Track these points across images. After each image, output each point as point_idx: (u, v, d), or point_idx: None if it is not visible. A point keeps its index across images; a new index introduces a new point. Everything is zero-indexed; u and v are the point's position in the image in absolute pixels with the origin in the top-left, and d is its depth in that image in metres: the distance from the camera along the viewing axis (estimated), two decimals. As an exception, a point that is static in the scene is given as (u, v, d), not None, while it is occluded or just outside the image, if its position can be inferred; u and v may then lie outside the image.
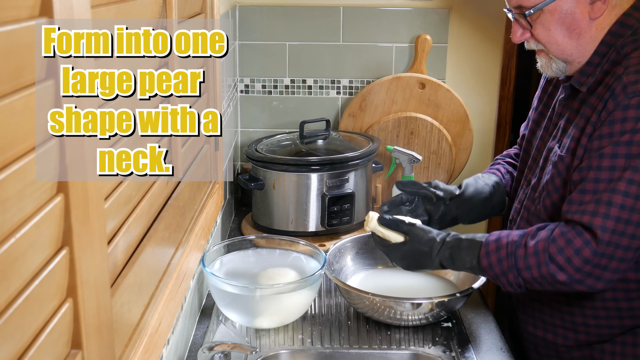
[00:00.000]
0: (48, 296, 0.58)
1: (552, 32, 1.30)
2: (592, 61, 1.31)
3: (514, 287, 1.30)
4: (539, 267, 1.25)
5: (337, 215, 1.88)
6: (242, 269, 1.55)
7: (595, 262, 1.22)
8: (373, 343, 1.41)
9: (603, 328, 1.35)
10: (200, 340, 1.42)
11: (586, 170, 1.24)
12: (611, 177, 1.21)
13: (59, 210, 0.59)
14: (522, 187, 1.49)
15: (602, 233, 1.20)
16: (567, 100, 1.38)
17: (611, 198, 1.20)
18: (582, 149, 1.27)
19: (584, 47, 1.31)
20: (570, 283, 1.24)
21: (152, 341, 0.90)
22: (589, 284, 1.24)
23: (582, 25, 1.29)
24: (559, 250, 1.24)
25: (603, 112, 1.23)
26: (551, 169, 1.35)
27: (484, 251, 1.31)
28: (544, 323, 1.41)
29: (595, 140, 1.24)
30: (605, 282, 1.24)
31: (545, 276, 1.25)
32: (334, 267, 1.57)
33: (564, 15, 1.28)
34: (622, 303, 1.32)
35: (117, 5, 0.78)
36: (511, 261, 1.28)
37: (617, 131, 1.21)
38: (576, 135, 1.30)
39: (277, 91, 2.26)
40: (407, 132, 2.18)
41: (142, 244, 0.89)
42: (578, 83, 1.33)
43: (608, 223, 1.20)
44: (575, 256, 1.22)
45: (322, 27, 2.20)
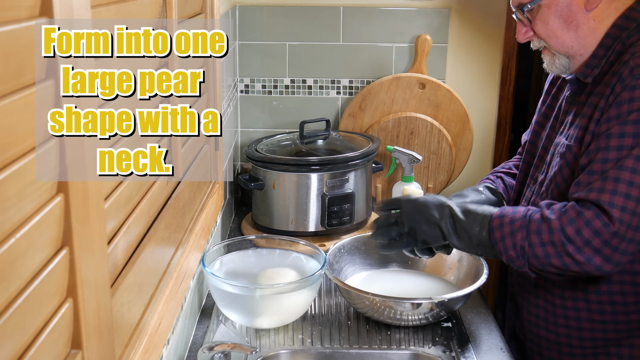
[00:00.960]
0: (48, 296, 0.58)
1: (550, 25, 1.32)
2: (597, 54, 1.32)
3: (517, 252, 1.26)
4: (551, 232, 1.23)
5: (337, 215, 1.88)
6: (242, 269, 1.55)
7: (605, 237, 1.19)
8: (373, 343, 1.42)
9: (608, 324, 1.34)
10: (200, 340, 1.42)
11: (594, 152, 1.23)
12: (619, 156, 1.20)
13: (59, 210, 0.59)
14: (528, 185, 1.49)
15: (611, 209, 1.18)
16: (573, 96, 1.39)
17: (619, 175, 1.19)
18: (590, 135, 1.26)
19: (583, 39, 1.32)
20: (578, 259, 1.21)
21: (152, 341, 0.90)
22: (598, 264, 1.20)
23: (579, 17, 1.31)
24: (569, 221, 1.22)
25: (610, 96, 1.24)
26: (559, 160, 1.34)
27: (498, 212, 1.30)
28: (547, 322, 1.41)
29: (603, 124, 1.23)
30: (614, 265, 1.21)
31: (555, 243, 1.22)
32: (334, 267, 1.58)
33: (560, 7, 1.31)
34: (630, 297, 1.31)
35: (117, 5, 0.78)
36: (524, 222, 1.26)
37: (625, 111, 1.20)
38: (583, 123, 1.30)
39: (277, 91, 2.26)
40: (407, 132, 2.18)
41: (142, 244, 0.89)
42: (583, 75, 1.34)
43: (616, 199, 1.18)
44: (585, 227, 1.20)
45: (322, 27, 2.20)
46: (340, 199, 1.87)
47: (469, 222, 1.33)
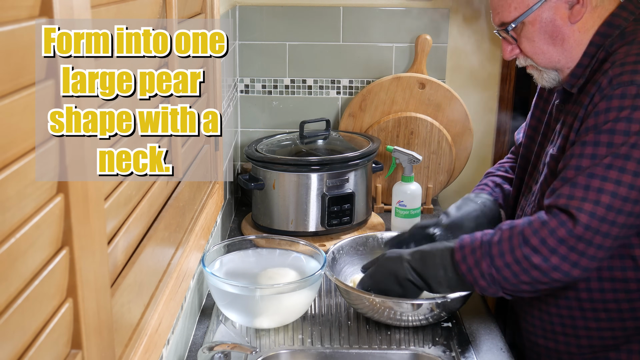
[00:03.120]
0: (48, 296, 0.58)
1: (536, 42, 1.31)
2: (582, 63, 1.31)
3: (487, 280, 1.26)
4: (513, 251, 1.22)
5: (337, 215, 1.88)
6: (242, 269, 1.55)
7: (571, 244, 1.18)
8: (373, 343, 1.42)
9: (605, 331, 1.33)
10: (200, 340, 1.42)
11: (568, 158, 1.23)
12: (592, 163, 1.19)
13: (59, 210, 0.59)
14: (523, 194, 1.48)
15: (578, 213, 1.18)
16: (562, 104, 1.38)
17: (589, 182, 1.18)
18: (570, 144, 1.26)
19: (569, 52, 1.31)
20: (546, 268, 1.20)
21: (152, 341, 0.90)
22: (565, 270, 1.20)
23: (564, 30, 1.29)
24: (534, 232, 1.21)
25: (589, 105, 1.24)
26: (546, 170, 1.34)
27: (458, 245, 1.30)
28: (545, 331, 1.40)
29: (582, 134, 1.23)
30: (582, 270, 1.20)
31: (519, 260, 1.22)
32: (334, 268, 1.57)
33: (544, 24, 1.29)
34: (624, 304, 1.31)
35: (117, 5, 0.78)
36: (485, 248, 1.25)
37: (601, 121, 1.20)
38: (566, 133, 1.30)
39: (277, 91, 2.26)
40: (407, 132, 2.18)
41: (142, 244, 0.89)
42: (569, 85, 1.33)
43: (585, 205, 1.18)
44: (550, 236, 1.19)
45: (322, 27, 2.20)
46: (340, 199, 1.87)
47: (431, 266, 1.33)
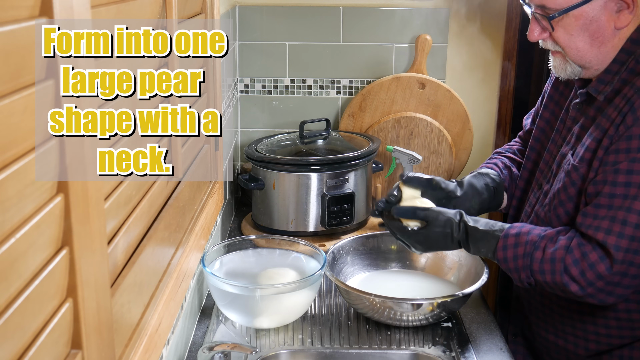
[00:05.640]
0: (48, 296, 0.58)
1: (574, 37, 1.26)
2: (611, 69, 1.28)
3: (524, 284, 1.31)
4: (553, 274, 1.25)
5: (337, 215, 1.88)
6: (242, 269, 1.55)
7: (608, 279, 1.21)
8: (373, 343, 1.41)
9: (614, 338, 1.34)
10: (200, 340, 1.42)
11: (601, 184, 1.23)
12: (626, 192, 1.20)
13: (59, 210, 0.59)
14: (532, 190, 1.47)
15: (616, 252, 1.20)
16: (582, 105, 1.35)
17: (626, 217, 1.19)
18: (598, 162, 1.25)
19: (604, 55, 1.27)
20: (582, 296, 1.24)
21: (152, 341, 0.90)
22: (601, 298, 1.24)
23: (606, 33, 1.25)
24: (574, 262, 1.23)
25: (621, 126, 1.21)
26: (564, 177, 1.32)
27: (501, 243, 1.30)
28: (555, 329, 1.41)
29: (611, 154, 1.22)
30: (617, 297, 1.24)
31: (558, 284, 1.25)
32: (334, 268, 1.57)
33: (589, 21, 1.24)
34: (635, 314, 1.31)
35: (117, 5, 0.78)
36: (527, 261, 1.27)
37: (635, 147, 1.19)
38: (592, 146, 1.27)
39: (277, 91, 2.26)
40: (407, 132, 2.18)
41: (142, 244, 0.89)
42: (595, 91, 1.30)
43: (622, 242, 1.19)
44: (589, 270, 1.22)
45: (322, 27, 2.20)
46: (340, 199, 1.87)
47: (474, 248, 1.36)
